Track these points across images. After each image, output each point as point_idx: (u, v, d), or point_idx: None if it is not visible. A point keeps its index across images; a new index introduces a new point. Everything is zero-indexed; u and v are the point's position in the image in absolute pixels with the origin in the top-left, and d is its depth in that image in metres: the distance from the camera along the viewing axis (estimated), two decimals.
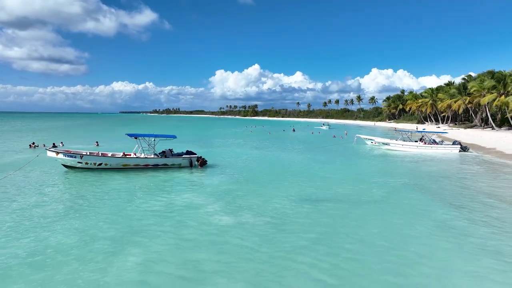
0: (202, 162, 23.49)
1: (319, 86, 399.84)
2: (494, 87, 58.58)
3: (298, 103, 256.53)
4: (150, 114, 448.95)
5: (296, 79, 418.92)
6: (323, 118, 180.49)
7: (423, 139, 39.26)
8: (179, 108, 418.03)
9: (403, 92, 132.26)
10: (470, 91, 66.63)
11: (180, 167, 23.02)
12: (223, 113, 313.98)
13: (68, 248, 9.50)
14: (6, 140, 42.87)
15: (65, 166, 21.26)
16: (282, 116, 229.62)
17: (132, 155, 22.78)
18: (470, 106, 68.86)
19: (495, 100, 57.63)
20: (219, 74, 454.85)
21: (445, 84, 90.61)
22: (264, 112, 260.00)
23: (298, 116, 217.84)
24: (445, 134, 42.01)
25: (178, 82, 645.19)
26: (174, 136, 24.16)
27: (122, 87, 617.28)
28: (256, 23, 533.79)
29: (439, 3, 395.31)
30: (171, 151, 23.57)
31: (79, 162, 20.97)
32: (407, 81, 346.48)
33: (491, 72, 62.59)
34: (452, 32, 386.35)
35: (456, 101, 72.91)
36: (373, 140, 42.09)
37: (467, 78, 80.00)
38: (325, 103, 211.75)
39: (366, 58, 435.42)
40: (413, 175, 21.80)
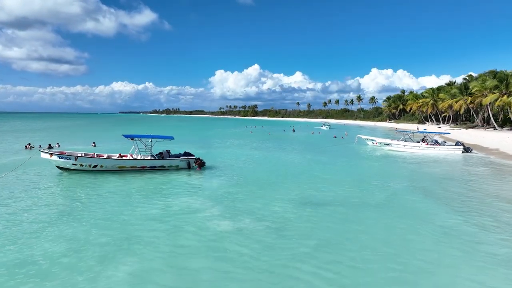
0: (200, 163, 22.98)
1: (319, 86, 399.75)
2: (496, 87, 58.10)
3: (298, 103, 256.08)
4: (150, 114, 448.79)
5: (296, 79, 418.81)
6: (323, 118, 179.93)
7: (425, 140, 38.74)
8: (179, 108, 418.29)
9: (403, 92, 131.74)
10: (471, 91, 66.16)
11: (178, 169, 22.51)
12: (223, 113, 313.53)
13: (56, 257, 9.01)
14: (3, 140, 42.39)
15: (59, 168, 20.76)
16: (282, 116, 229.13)
17: (128, 156, 22.28)
18: (471, 106, 68.37)
19: (497, 100, 57.18)
20: (219, 74, 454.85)
21: (446, 84, 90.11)
22: (264, 112, 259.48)
23: (298, 116, 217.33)
24: (447, 134, 41.46)
25: (178, 82, 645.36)
26: (172, 137, 23.64)
27: (121, 87, 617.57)
28: (256, 23, 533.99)
29: (439, 3, 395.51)
30: (168, 153, 23.05)
31: (73, 164, 20.45)
32: (407, 81, 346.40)
33: (493, 72, 62.13)
34: (452, 32, 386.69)
35: (457, 101, 72.44)
36: (374, 140, 41.58)
37: (468, 78, 79.58)
38: (325, 103, 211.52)
39: (366, 58, 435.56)
40: (416, 177, 21.30)
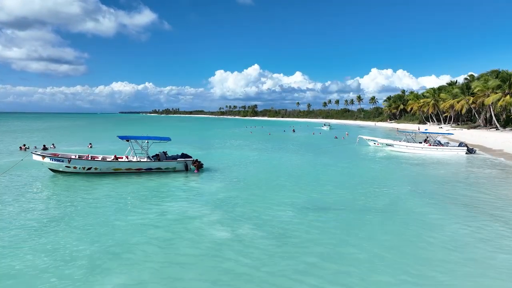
0: (198, 165, 22.26)
1: (319, 86, 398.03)
2: (499, 87, 57.35)
3: (298, 103, 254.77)
4: (149, 114, 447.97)
5: (296, 79, 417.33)
6: (323, 118, 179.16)
7: (427, 140, 38.03)
8: (178, 109, 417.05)
9: (403, 92, 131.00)
10: (473, 91, 65.42)
11: (175, 171, 21.80)
12: (223, 113, 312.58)
13: (39, 269, 8.30)
14: (0, 141, 41.65)
15: (52, 171, 20.03)
16: (282, 116, 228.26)
17: (124, 158, 21.56)
18: (473, 106, 67.65)
19: (499, 100, 56.46)
20: (219, 74, 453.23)
21: (447, 83, 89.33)
22: (264, 112, 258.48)
23: (298, 116, 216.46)
24: (450, 135, 40.73)
25: (177, 82, 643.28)
26: (168, 138, 22.91)
27: (121, 87, 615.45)
28: (256, 23, 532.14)
29: (439, 3, 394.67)
30: (165, 154, 22.34)
31: (66, 167, 19.72)
32: (406, 81, 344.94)
33: (495, 72, 61.37)
34: (451, 32, 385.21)
35: (459, 101, 71.70)
36: (376, 141, 40.90)
37: (469, 78, 78.86)
38: (325, 103, 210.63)
39: (366, 58, 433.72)
40: (420, 180, 20.58)
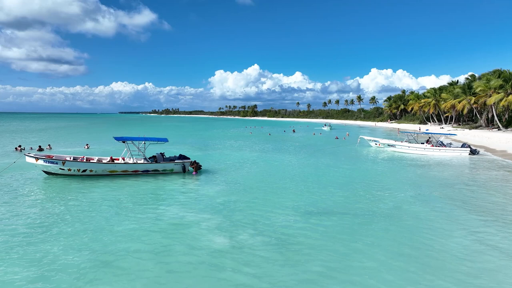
0: (196, 167, 21.67)
1: (319, 86, 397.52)
2: (501, 87, 56.74)
3: (298, 103, 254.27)
4: (149, 114, 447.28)
5: (296, 79, 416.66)
6: (323, 118, 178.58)
7: (430, 141, 37.44)
8: (178, 109, 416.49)
9: (404, 92, 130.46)
10: (475, 91, 64.80)
11: (172, 172, 21.22)
12: (223, 113, 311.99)
13: (23, 283, 7.68)
14: None
15: (46, 173, 19.43)
16: (282, 117, 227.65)
17: (120, 160, 20.98)
18: (475, 106, 67.04)
19: (502, 100, 55.84)
20: (219, 74, 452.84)
21: (448, 83, 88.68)
22: (264, 113, 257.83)
23: (298, 117, 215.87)
24: (453, 135, 40.11)
25: (177, 83, 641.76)
26: (166, 139, 22.30)
27: (121, 87, 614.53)
28: (256, 23, 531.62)
29: (439, 3, 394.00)
30: (162, 155, 21.74)
31: (61, 169, 19.12)
32: (406, 81, 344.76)
33: (497, 72, 60.67)
34: (451, 32, 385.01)
35: (460, 101, 71.11)
36: (377, 141, 40.28)
37: (470, 77, 78.26)
38: (325, 103, 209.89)
39: (366, 58, 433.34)
40: (425, 182, 19.97)
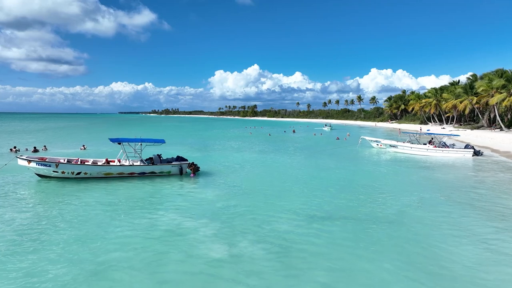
0: (194, 169, 21.08)
1: (318, 86, 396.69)
2: (503, 87, 56.11)
3: (298, 103, 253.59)
4: (149, 114, 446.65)
5: (295, 79, 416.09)
6: (323, 118, 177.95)
7: (432, 142, 36.84)
8: (178, 109, 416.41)
9: (404, 92, 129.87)
10: (477, 91, 64.15)
11: (170, 175, 20.63)
12: (222, 113, 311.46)
13: None
14: None
15: (39, 175, 18.83)
16: (282, 117, 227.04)
17: (116, 162, 20.38)
18: (477, 106, 66.38)
19: (504, 100, 55.21)
20: (218, 74, 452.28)
21: (449, 83, 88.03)
22: (264, 113, 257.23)
23: (298, 117, 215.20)
24: (457, 136, 39.46)
25: (177, 83, 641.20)
26: (163, 140, 21.69)
27: (121, 87, 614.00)
28: (255, 23, 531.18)
29: (438, 3, 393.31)
30: (159, 157, 21.14)
31: (54, 171, 18.51)
32: (406, 81, 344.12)
33: (500, 71, 60.01)
34: (451, 32, 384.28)
35: (462, 101, 70.45)
36: (379, 142, 39.68)
37: (471, 77, 77.63)
38: (325, 103, 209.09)
39: (365, 58, 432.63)
40: (429, 185, 19.34)
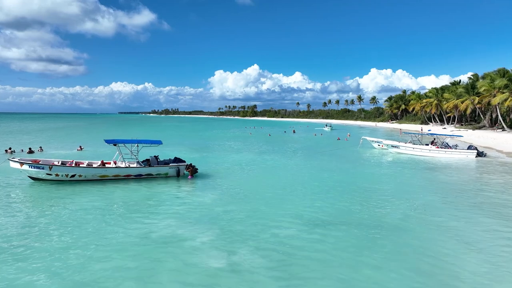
0: (192, 170, 20.50)
1: (318, 86, 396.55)
2: (506, 86, 55.56)
3: (297, 103, 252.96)
4: (148, 114, 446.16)
5: (295, 79, 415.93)
6: (323, 118, 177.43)
7: (434, 142, 36.29)
8: (178, 109, 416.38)
9: (405, 92, 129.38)
10: (479, 91, 63.60)
11: (167, 176, 20.06)
12: (222, 113, 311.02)
13: None
14: None
15: (32, 178, 18.25)
16: (282, 117, 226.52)
17: (111, 164, 19.81)
18: (478, 106, 65.81)
19: (507, 100, 54.65)
20: (218, 74, 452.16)
21: (451, 83, 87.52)
22: (263, 113, 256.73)
23: (297, 117, 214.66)
24: (460, 137, 38.86)
25: (177, 83, 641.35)
26: (160, 141, 21.12)
27: (121, 87, 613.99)
28: (255, 23, 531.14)
29: (438, 3, 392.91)
30: (156, 159, 20.57)
31: (47, 174, 17.92)
32: (406, 81, 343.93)
33: (502, 71, 59.46)
34: (451, 32, 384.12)
35: (463, 101, 69.91)
36: (380, 142, 39.09)
37: (473, 77, 77.12)
38: (325, 103, 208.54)
39: (365, 58, 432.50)
40: (434, 188, 18.72)
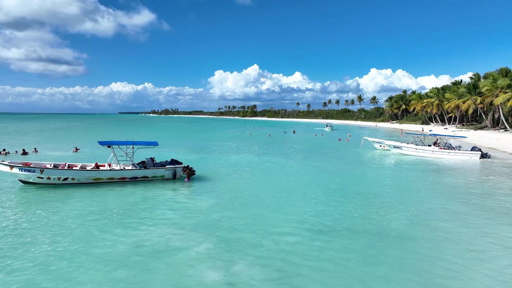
0: (189, 173, 19.84)
1: (318, 86, 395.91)
2: (509, 86, 54.88)
3: (297, 103, 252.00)
4: (148, 114, 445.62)
5: (295, 79, 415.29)
6: (323, 118, 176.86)
7: (437, 143, 35.65)
8: (177, 109, 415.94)
9: (405, 92, 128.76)
10: (481, 90, 62.91)
11: (163, 179, 19.41)
12: (222, 113, 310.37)
13: None
14: None
15: (22, 182, 17.58)
16: (282, 117, 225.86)
17: (106, 166, 19.15)
18: (480, 106, 65.10)
19: (509, 100, 53.93)
20: (218, 74, 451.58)
21: (452, 83, 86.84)
22: (263, 113, 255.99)
23: (297, 117, 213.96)
24: (464, 138, 38.16)
25: (177, 83, 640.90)
26: (156, 143, 20.46)
27: (121, 87, 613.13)
28: (255, 23, 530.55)
29: (438, 3, 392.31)
30: (152, 161, 19.91)
31: (39, 177, 17.25)
32: (406, 81, 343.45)
33: (504, 70, 58.75)
34: (450, 32, 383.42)
35: (465, 101, 69.20)
36: (382, 143, 38.44)
37: (474, 77, 76.43)
38: (325, 103, 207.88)
39: (365, 58, 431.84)
40: (440, 191, 18.04)
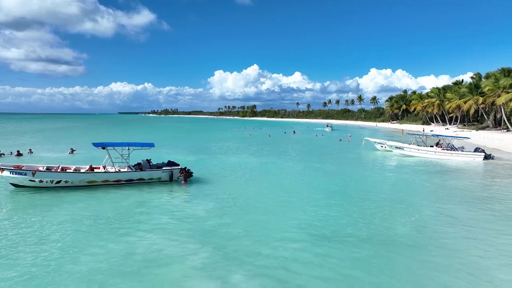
0: (186, 175, 19.27)
1: (318, 86, 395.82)
2: (511, 86, 54.34)
3: (297, 103, 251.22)
4: (148, 115, 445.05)
5: (295, 79, 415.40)
6: (323, 118, 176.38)
7: (439, 144, 35.11)
8: (177, 109, 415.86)
9: (405, 92, 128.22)
10: (483, 90, 62.33)
11: (160, 181, 18.86)
12: (222, 113, 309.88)
13: None
14: None
15: (14, 185, 17.01)
16: (281, 117, 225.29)
17: (100, 168, 18.59)
18: (482, 106, 64.54)
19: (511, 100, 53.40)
20: (218, 74, 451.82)
21: (453, 83, 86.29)
22: (263, 113, 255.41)
23: (297, 117, 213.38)
24: (467, 139, 37.63)
25: (176, 83, 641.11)
26: (152, 144, 19.89)
27: (120, 87, 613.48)
28: (255, 23, 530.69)
29: (438, 3, 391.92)
30: (148, 162, 19.36)
31: (31, 180, 16.70)
32: (405, 81, 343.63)
33: (506, 70, 58.19)
34: (450, 32, 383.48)
35: (466, 101, 68.62)
36: (384, 143, 37.89)
37: (475, 76, 75.89)
38: (325, 103, 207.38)
39: (365, 58, 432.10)
40: (445, 194, 17.47)
